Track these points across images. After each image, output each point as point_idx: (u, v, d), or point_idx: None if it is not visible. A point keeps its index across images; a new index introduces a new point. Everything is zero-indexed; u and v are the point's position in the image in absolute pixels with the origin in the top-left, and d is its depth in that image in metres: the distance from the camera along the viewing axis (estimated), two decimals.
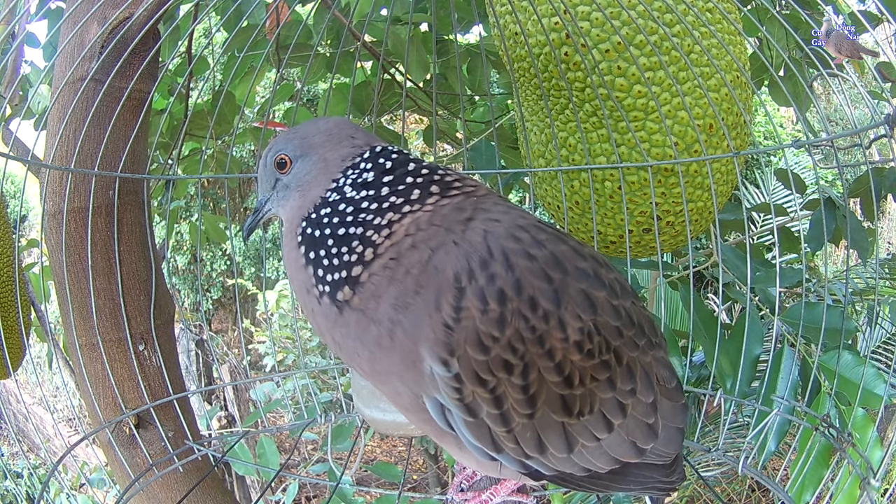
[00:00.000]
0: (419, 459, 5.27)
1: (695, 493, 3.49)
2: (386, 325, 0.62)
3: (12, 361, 1.26)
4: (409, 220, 0.64)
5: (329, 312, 0.65)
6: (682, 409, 0.74)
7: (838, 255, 5.12)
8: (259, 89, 4.39)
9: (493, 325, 0.59)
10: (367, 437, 2.23)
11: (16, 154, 1.29)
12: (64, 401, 5.34)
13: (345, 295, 0.64)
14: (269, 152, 0.75)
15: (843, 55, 0.94)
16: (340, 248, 0.65)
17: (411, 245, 0.63)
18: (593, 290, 0.64)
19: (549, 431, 0.64)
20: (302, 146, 0.72)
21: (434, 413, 0.63)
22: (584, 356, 0.62)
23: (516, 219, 0.65)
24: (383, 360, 0.63)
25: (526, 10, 1.17)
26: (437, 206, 0.65)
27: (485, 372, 0.60)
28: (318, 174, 0.70)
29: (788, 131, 7.05)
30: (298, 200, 0.71)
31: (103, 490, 3.07)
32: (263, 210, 0.77)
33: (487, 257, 0.61)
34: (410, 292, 0.61)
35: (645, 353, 0.69)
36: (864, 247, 1.46)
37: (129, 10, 1.23)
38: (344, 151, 0.70)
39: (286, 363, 4.66)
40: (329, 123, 0.74)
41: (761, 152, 1.31)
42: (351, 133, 0.72)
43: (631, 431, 0.69)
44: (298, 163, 0.72)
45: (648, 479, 0.74)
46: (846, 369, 1.15)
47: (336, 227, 0.66)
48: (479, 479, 0.88)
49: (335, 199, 0.67)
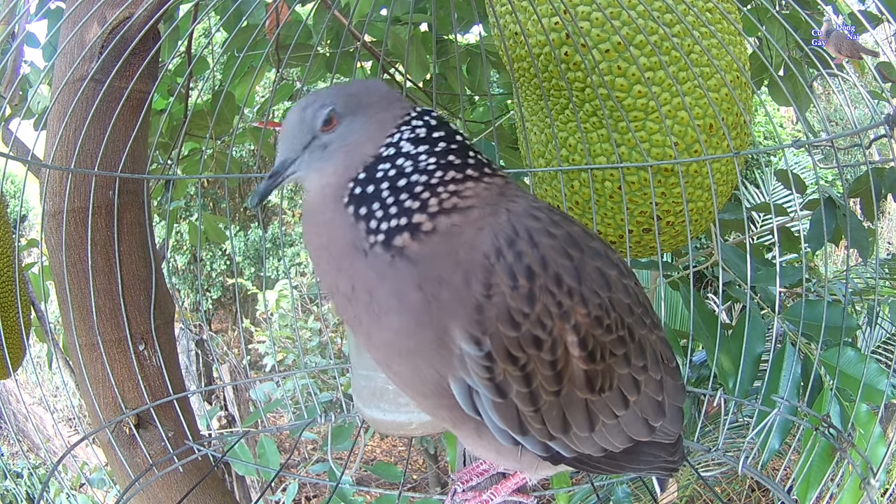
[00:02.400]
0: (419, 459, 5.27)
1: (695, 493, 3.49)
2: (428, 293, 0.60)
3: (12, 361, 1.26)
4: (472, 184, 0.64)
5: (378, 263, 0.61)
6: (681, 388, 0.77)
7: (838, 255, 5.12)
8: (259, 89, 4.39)
9: (524, 300, 0.60)
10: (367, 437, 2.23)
11: (16, 154, 1.29)
12: (64, 401, 5.34)
13: (404, 240, 0.61)
14: (310, 106, 0.67)
15: (843, 55, 0.94)
16: (400, 195, 0.62)
17: (475, 220, 0.62)
18: (606, 268, 0.65)
19: (574, 409, 0.65)
20: (352, 103, 0.67)
21: (460, 396, 0.63)
22: (604, 331, 0.64)
23: (530, 201, 0.66)
24: (414, 337, 0.62)
25: (526, 10, 1.17)
26: (494, 182, 0.65)
27: (516, 349, 0.60)
28: (371, 134, 0.66)
29: (788, 131, 7.05)
30: (343, 160, 0.66)
31: (103, 490, 3.08)
32: (287, 172, 0.68)
33: (513, 235, 0.61)
34: (453, 268, 0.60)
35: (651, 332, 0.71)
36: (865, 246, 1.46)
37: (129, 10, 1.23)
38: (396, 112, 0.68)
39: (286, 363, 4.66)
40: (378, 84, 0.71)
41: (761, 152, 1.31)
42: (398, 96, 0.70)
43: (644, 409, 0.70)
44: (346, 121, 0.67)
45: (657, 458, 0.76)
46: (848, 365, 1.15)
47: (395, 178, 0.63)
48: (477, 483, 0.88)
49: (391, 154, 0.65)
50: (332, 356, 2.31)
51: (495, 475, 0.88)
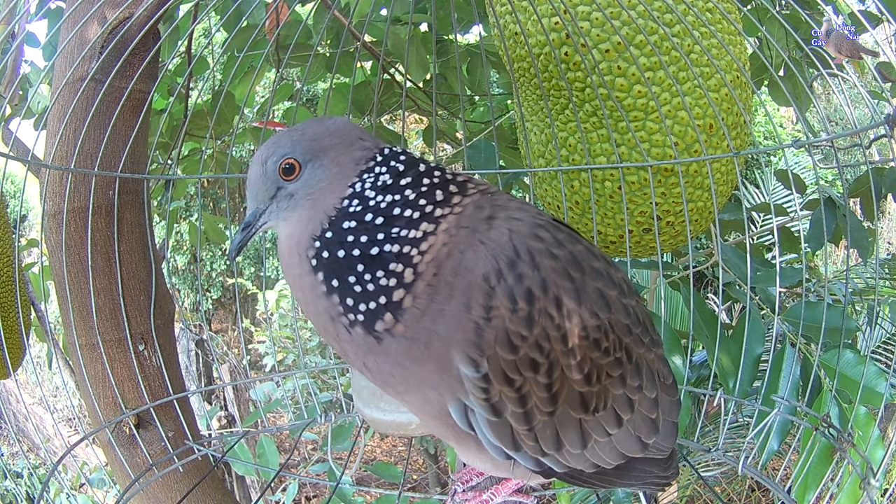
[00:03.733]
0: (419, 459, 5.27)
1: (695, 493, 3.49)
2: (423, 339, 0.59)
3: (12, 361, 1.26)
4: (443, 226, 0.61)
5: (363, 342, 0.61)
6: (677, 403, 0.77)
7: (838, 256, 5.12)
8: (259, 89, 4.39)
9: (522, 324, 0.59)
10: (367, 437, 2.22)
11: (16, 154, 1.29)
12: (64, 401, 5.34)
13: (386, 324, 0.59)
14: (269, 157, 0.66)
15: (843, 55, 0.94)
16: (375, 271, 0.59)
17: (447, 254, 0.60)
18: (607, 289, 0.65)
19: (567, 428, 0.65)
20: (312, 149, 0.65)
21: (456, 415, 0.63)
22: (601, 353, 0.64)
23: (534, 217, 0.65)
24: (417, 373, 0.62)
25: (526, 10, 1.17)
26: (462, 206, 0.63)
27: (513, 371, 0.60)
28: (332, 180, 0.64)
29: (788, 131, 7.05)
30: (308, 211, 0.64)
31: (103, 490, 3.08)
32: (258, 223, 0.67)
33: (514, 257, 0.60)
34: (445, 298, 0.59)
35: (649, 350, 0.71)
36: (865, 246, 1.46)
37: (129, 10, 1.23)
38: (357, 154, 0.65)
39: (286, 363, 4.67)
40: (337, 123, 0.68)
41: (761, 152, 1.31)
42: (359, 134, 0.67)
43: (637, 426, 0.70)
44: (308, 168, 0.64)
45: (648, 473, 0.76)
46: (847, 367, 1.15)
47: (367, 245, 0.60)
48: (477, 483, 0.88)
49: (356, 209, 0.62)
50: (332, 356, 2.31)
51: (495, 475, 0.88)
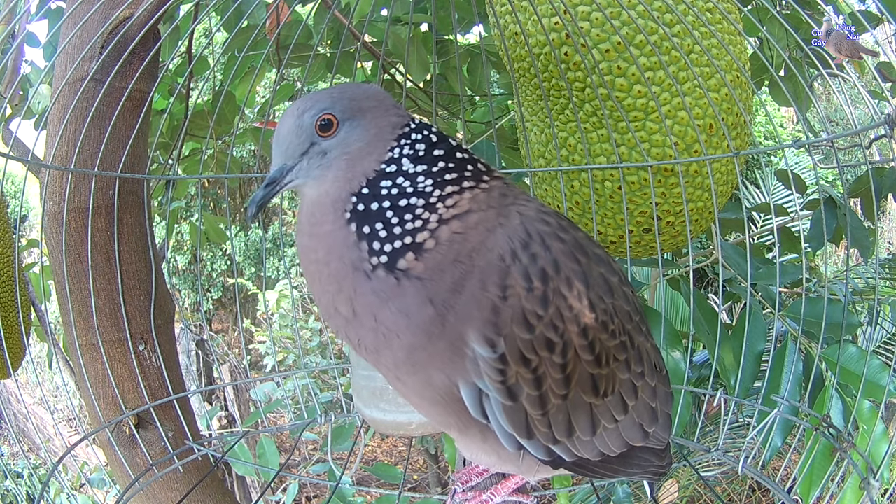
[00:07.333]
0: (419, 459, 5.27)
1: (695, 493, 3.49)
2: (440, 307, 0.59)
3: (12, 361, 1.26)
4: (469, 194, 0.63)
5: (382, 286, 0.60)
6: (670, 395, 0.79)
7: (839, 255, 5.12)
8: (259, 89, 4.39)
9: (538, 303, 0.60)
10: (367, 437, 2.21)
11: (16, 154, 1.29)
12: (64, 401, 5.34)
13: (408, 262, 0.60)
14: (307, 110, 0.64)
15: (843, 55, 0.94)
16: (403, 215, 0.61)
17: (476, 223, 0.61)
18: (609, 275, 0.67)
19: (579, 413, 0.66)
20: (351, 108, 0.64)
21: (469, 400, 0.63)
22: (609, 336, 0.65)
23: (538, 205, 0.67)
24: (426, 349, 0.61)
25: (526, 10, 1.16)
26: (490, 187, 0.65)
27: (529, 351, 0.61)
28: (370, 141, 0.64)
29: (788, 131, 7.05)
30: (345, 171, 0.63)
31: (103, 490, 3.07)
32: (286, 180, 0.65)
33: (527, 238, 0.62)
34: (466, 274, 0.60)
35: (647, 339, 0.73)
36: (865, 245, 1.46)
37: (129, 10, 1.23)
38: (394, 119, 0.65)
39: (286, 363, 4.67)
40: (374, 87, 0.68)
41: (761, 152, 1.31)
42: (393, 102, 0.67)
43: (640, 414, 0.72)
44: (346, 126, 0.64)
45: (648, 462, 0.77)
46: (850, 362, 1.15)
47: (396, 197, 0.61)
48: (477, 483, 0.88)
49: (393, 171, 0.63)
50: (333, 356, 2.31)
51: (495, 475, 0.88)
